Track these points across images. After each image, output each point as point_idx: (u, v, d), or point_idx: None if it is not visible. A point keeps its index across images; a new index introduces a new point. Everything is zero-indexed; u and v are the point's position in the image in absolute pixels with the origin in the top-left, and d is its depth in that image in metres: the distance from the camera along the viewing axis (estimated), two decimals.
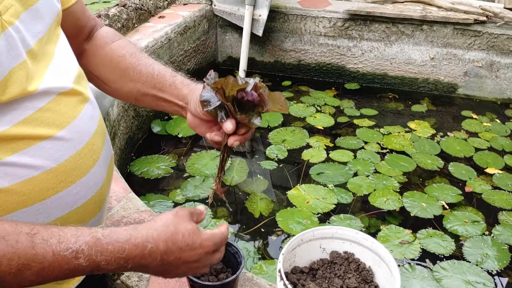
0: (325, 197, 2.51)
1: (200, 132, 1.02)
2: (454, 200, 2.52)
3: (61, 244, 0.69)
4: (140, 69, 1.03)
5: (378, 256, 1.14)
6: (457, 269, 2.11)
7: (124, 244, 0.73)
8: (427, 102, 3.56)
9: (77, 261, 0.70)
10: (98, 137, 0.92)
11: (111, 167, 1.00)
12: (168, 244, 0.77)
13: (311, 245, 1.19)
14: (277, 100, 0.94)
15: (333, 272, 1.17)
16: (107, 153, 0.97)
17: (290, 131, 3.11)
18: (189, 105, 0.97)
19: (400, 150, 2.94)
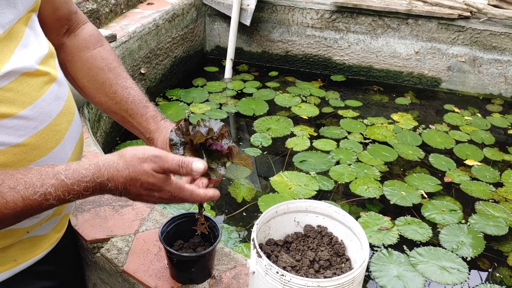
0: (307, 183, 2.55)
1: None
2: (433, 190, 2.57)
3: (28, 189, 0.74)
4: (116, 89, 1.06)
5: (350, 230, 1.18)
6: (433, 255, 2.16)
7: (88, 183, 0.77)
8: (411, 95, 3.61)
9: (47, 202, 0.75)
10: (63, 117, 0.93)
11: (78, 147, 1.01)
12: (128, 188, 0.81)
13: (285, 218, 1.22)
14: (243, 158, 1.02)
15: (307, 245, 1.20)
16: (74, 133, 0.98)
17: (275, 120, 3.14)
18: (156, 143, 1.02)
19: (383, 140, 2.98)
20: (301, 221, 1.24)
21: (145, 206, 1.58)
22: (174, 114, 3.13)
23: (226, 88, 3.58)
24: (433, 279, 2.04)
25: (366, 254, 1.05)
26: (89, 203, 1.59)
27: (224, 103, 3.34)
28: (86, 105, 2.26)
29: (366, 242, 1.09)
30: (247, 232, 2.27)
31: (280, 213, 1.20)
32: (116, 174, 0.79)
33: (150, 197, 0.85)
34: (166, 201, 0.89)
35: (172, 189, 0.85)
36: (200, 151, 0.99)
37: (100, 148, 1.97)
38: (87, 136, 1.95)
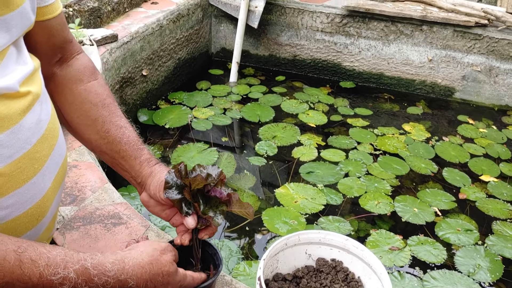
0: (314, 197, 2.41)
1: (152, 212, 1.01)
2: (447, 207, 2.43)
3: (49, 267, 0.69)
4: (109, 128, 0.97)
5: (368, 267, 1.04)
6: (448, 279, 2.02)
7: (110, 279, 0.75)
8: (423, 104, 3.47)
9: (61, 287, 0.70)
10: (44, 143, 0.83)
11: (60, 174, 0.91)
12: (148, 284, 0.81)
13: (296, 250, 1.09)
14: (244, 206, 0.97)
15: (319, 281, 1.07)
16: (56, 159, 0.88)
17: (281, 127, 3.01)
18: (148, 187, 0.96)
19: (394, 152, 2.85)
20: (313, 253, 1.10)
21: (140, 225, 1.45)
22: (176, 119, 2.99)
23: (231, 92, 3.44)
24: None
25: None
26: (79, 219, 1.46)
27: (229, 108, 3.21)
28: None
29: (389, 283, 0.95)
30: (250, 247, 2.13)
31: (290, 245, 1.07)
32: (140, 272, 0.80)
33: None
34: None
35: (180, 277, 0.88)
36: (197, 197, 0.92)
37: (94, 157, 1.84)
38: (80, 144, 1.81)
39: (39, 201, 0.83)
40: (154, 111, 3.06)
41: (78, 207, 1.51)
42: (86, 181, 1.63)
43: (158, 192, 0.92)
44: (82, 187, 1.60)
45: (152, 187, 0.94)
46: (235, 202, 0.95)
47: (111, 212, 1.50)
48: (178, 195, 0.91)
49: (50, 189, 0.86)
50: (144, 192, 0.98)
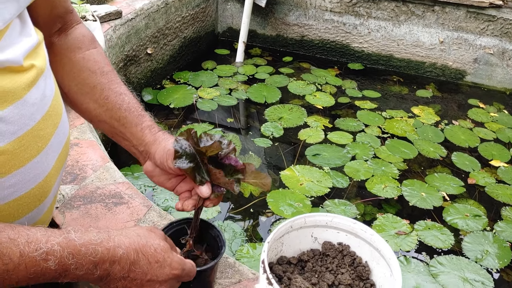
0: (320, 180, 2.37)
1: (157, 182, 0.96)
2: (455, 192, 2.38)
3: (30, 244, 0.64)
4: (108, 94, 0.92)
5: (377, 251, 1.00)
6: (455, 265, 1.98)
7: (97, 246, 0.68)
8: (433, 87, 3.40)
9: (46, 264, 0.64)
10: (49, 120, 0.78)
11: (63, 154, 0.87)
12: (139, 255, 0.74)
13: (301, 233, 1.05)
14: (260, 177, 0.91)
15: (325, 266, 1.03)
16: (60, 138, 0.84)
17: (288, 109, 2.95)
18: (153, 156, 0.91)
19: (402, 135, 2.79)
20: (319, 237, 1.06)
21: (142, 205, 1.41)
22: (180, 99, 2.95)
23: (237, 73, 3.38)
24: None
25: (398, 286, 0.87)
26: (80, 198, 1.43)
27: (235, 89, 3.15)
28: None
29: (398, 270, 0.91)
30: (254, 229, 2.10)
31: (296, 227, 1.02)
32: (128, 241, 0.73)
33: (160, 274, 0.78)
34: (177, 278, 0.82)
35: (179, 259, 0.82)
36: (210, 165, 0.87)
37: (96, 135, 1.80)
38: (82, 121, 1.78)
39: (42, 181, 0.79)
40: (159, 91, 3.02)
41: (79, 186, 1.48)
42: (87, 159, 1.59)
43: (166, 161, 0.87)
44: (83, 165, 1.57)
45: (158, 155, 0.89)
46: (250, 173, 0.89)
47: (112, 191, 1.46)
48: (190, 164, 0.85)
49: (53, 169, 0.82)
50: (148, 161, 0.93)
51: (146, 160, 0.94)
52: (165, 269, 0.78)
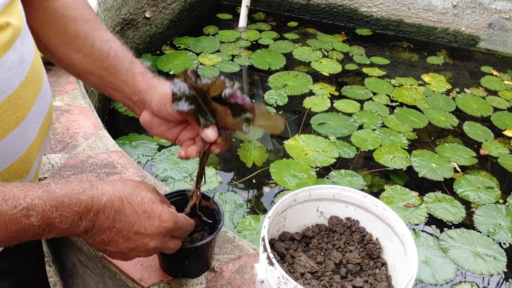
0: (326, 150, 2.27)
1: (157, 133, 0.87)
2: (467, 163, 2.28)
3: (7, 201, 0.57)
4: (93, 42, 0.82)
5: (389, 228, 0.91)
6: (466, 238, 1.90)
7: (80, 195, 0.63)
8: (444, 54, 3.26)
9: (28, 220, 0.58)
10: (28, 87, 0.70)
11: (46, 125, 0.78)
12: (124, 203, 0.68)
13: (305, 207, 0.96)
14: (272, 118, 0.83)
15: (331, 242, 0.94)
16: (42, 107, 0.75)
17: (293, 76, 2.83)
18: (149, 104, 0.82)
19: (412, 104, 2.67)
20: (325, 211, 0.97)
21: (135, 175, 1.32)
22: (181, 65, 2.83)
23: (240, 38, 3.24)
24: (466, 267, 1.79)
25: (414, 268, 0.78)
26: (70, 168, 1.34)
27: (237, 55, 3.02)
28: None
29: (414, 248, 0.82)
30: (256, 200, 2.02)
31: (300, 201, 0.93)
32: (112, 188, 0.68)
33: (149, 227, 0.71)
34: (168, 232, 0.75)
35: (171, 212, 0.75)
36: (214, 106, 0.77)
37: (89, 101, 1.70)
38: (74, 87, 1.67)
39: (23, 155, 0.72)
40: (158, 57, 2.89)
41: (69, 154, 1.39)
42: (78, 127, 1.50)
43: (164, 106, 0.78)
44: (74, 133, 1.47)
45: (155, 102, 0.80)
46: (260, 114, 0.79)
47: (105, 160, 1.37)
48: (191, 106, 0.76)
49: (35, 142, 0.75)
50: (144, 111, 0.84)
51: (142, 110, 0.84)
52: (154, 221, 0.71)
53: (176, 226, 0.74)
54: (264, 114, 0.80)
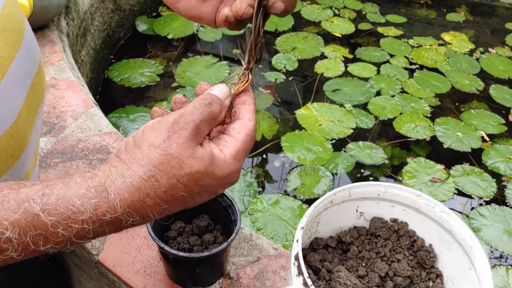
0: (341, 119, 2.08)
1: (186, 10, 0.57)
2: (495, 131, 2.09)
3: None
4: None
5: (448, 234, 0.73)
6: (498, 216, 1.74)
7: (86, 225, 0.43)
8: (465, 10, 3.01)
9: (3, 255, 0.41)
10: (2, 39, 0.52)
11: (36, 89, 0.60)
12: (159, 204, 0.46)
13: (343, 208, 0.78)
14: None
15: (374, 250, 0.77)
16: (26, 66, 0.57)
17: (302, 38, 2.60)
18: None
19: (432, 66, 2.46)
20: (366, 211, 0.79)
21: None
22: (180, 28, 2.59)
23: None
24: (500, 248, 1.64)
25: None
26: (57, 154, 1.16)
27: None
28: (65, 15, 1.74)
29: (486, 263, 0.65)
30: (267, 177, 1.85)
31: (337, 202, 0.75)
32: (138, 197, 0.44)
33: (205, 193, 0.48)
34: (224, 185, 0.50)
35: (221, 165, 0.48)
36: None
37: (78, 73, 1.50)
38: (60, 57, 1.47)
39: (11, 127, 0.54)
40: (155, 19, 2.65)
41: (56, 138, 1.20)
42: (66, 104, 1.30)
43: None
44: (61, 112, 1.28)
45: None
46: None
47: (97, 144, 1.19)
48: None
49: (24, 110, 0.57)
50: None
51: None
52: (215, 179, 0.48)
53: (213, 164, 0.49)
54: None
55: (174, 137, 0.45)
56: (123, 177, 0.44)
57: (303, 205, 1.71)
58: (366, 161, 1.90)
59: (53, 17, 1.58)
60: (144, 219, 0.46)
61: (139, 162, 0.45)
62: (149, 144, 0.46)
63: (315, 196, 1.74)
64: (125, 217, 0.44)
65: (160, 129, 0.46)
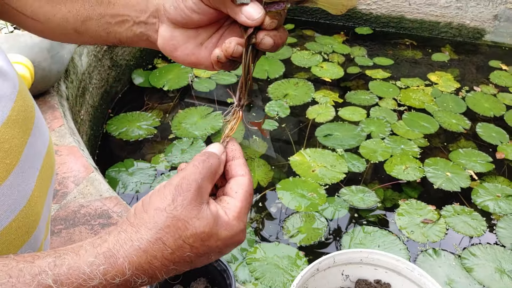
0: (334, 164, 2.14)
1: (184, 56, 0.62)
2: (483, 169, 2.16)
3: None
4: None
5: None
6: (489, 255, 1.79)
7: None
8: (449, 50, 3.13)
9: None
10: (15, 127, 0.58)
11: (47, 168, 0.65)
12: (167, 265, 0.49)
13: (329, 273, 0.83)
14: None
15: None
16: (37, 148, 0.62)
17: (293, 84, 2.70)
18: (163, 9, 0.60)
19: (420, 107, 2.55)
20: (351, 274, 0.85)
21: None
22: (175, 79, 2.69)
23: None
24: (493, 287, 1.67)
25: None
26: (61, 221, 1.21)
27: None
28: (64, 78, 1.83)
29: None
30: (265, 226, 1.90)
31: (323, 268, 0.81)
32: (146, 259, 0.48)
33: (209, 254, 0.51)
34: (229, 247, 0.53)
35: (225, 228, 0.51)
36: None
37: (78, 137, 1.57)
38: (61, 123, 1.54)
39: (24, 208, 0.59)
40: (151, 72, 2.76)
41: (59, 205, 1.26)
42: (68, 170, 1.37)
43: (184, 9, 0.58)
44: (63, 178, 1.34)
45: (170, 1, 0.60)
46: None
47: (99, 209, 1.25)
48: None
49: (37, 190, 0.62)
50: (161, 26, 0.63)
51: (157, 30, 0.64)
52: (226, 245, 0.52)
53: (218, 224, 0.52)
54: None
55: (179, 200, 0.49)
56: (131, 240, 0.48)
57: (300, 252, 1.75)
58: (359, 205, 1.96)
59: (54, 83, 1.67)
60: (152, 279, 0.50)
61: (146, 225, 0.49)
62: (155, 208, 0.49)
63: (310, 243, 1.79)
64: (134, 279, 0.48)
65: (165, 193, 0.50)
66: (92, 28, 0.67)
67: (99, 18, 0.66)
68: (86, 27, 0.67)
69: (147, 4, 0.63)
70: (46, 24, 0.68)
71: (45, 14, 0.66)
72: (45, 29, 0.69)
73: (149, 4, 0.63)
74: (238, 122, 0.60)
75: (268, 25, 0.54)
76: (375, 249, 0.80)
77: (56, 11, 0.66)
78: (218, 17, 0.59)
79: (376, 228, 1.86)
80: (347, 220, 1.92)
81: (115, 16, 0.65)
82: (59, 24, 0.68)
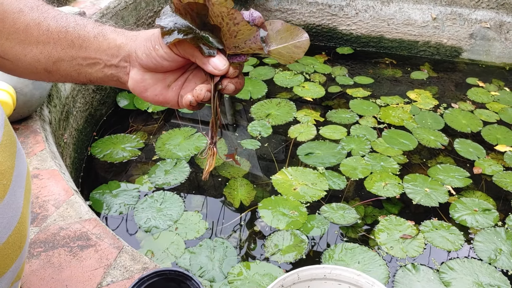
0: (315, 182, 2.19)
1: (153, 96, 0.68)
2: (461, 184, 2.21)
3: None
4: (48, 24, 0.68)
5: None
6: (467, 269, 1.82)
7: None
8: (428, 68, 3.21)
9: None
10: (6, 152, 0.64)
11: (28, 187, 0.73)
12: None
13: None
14: (292, 34, 0.64)
15: None
16: (21, 170, 0.69)
17: (275, 104, 2.76)
18: (135, 56, 0.65)
19: (399, 124, 2.61)
20: None
21: (112, 247, 1.23)
22: None
23: None
24: None
25: None
26: (40, 244, 1.24)
27: None
28: (47, 103, 1.87)
29: None
30: (247, 245, 1.93)
31: (288, 285, 0.84)
32: None
33: None
34: None
35: None
36: (216, 29, 0.60)
37: (60, 161, 1.60)
38: (42, 147, 1.58)
39: (18, 223, 0.67)
40: None
41: (39, 228, 1.29)
42: (48, 194, 1.40)
43: (154, 48, 0.64)
44: (44, 202, 1.37)
45: (141, 49, 0.65)
46: (276, 32, 0.63)
47: (78, 231, 1.27)
48: (188, 35, 0.60)
49: (24, 207, 0.70)
50: (132, 70, 0.68)
51: (128, 74, 0.69)
52: None
53: None
54: (281, 32, 0.63)
55: None
56: None
57: (280, 270, 1.78)
58: (339, 222, 1.99)
59: (36, 109, 1.71)
60: None
61: None
62: None
63: (291, 261, 1.82)
64: None
65: None
66: (63, 68, 0.70)
67: (71, 60, 0.69)
68: (57, 67, 0.70)
69: (119, 50, 0.67)
70: (16, 63, 0.71)
71: (16, 54, 0.70)
72: (15, 68, 0.72)
73: (120, 50, 0.67)
74: (215, 158, 0.68)
75: (231, 74, 0.63)
76: (337, 265, 0.84)
77: (27, 52, 0.69)
78: (186, 64, 0.66)
79: (356, 244, 1.90)
80: (328, 237, 1.95)
81: (87, 59, 0.68)
82: (30, 64, 0.71)
